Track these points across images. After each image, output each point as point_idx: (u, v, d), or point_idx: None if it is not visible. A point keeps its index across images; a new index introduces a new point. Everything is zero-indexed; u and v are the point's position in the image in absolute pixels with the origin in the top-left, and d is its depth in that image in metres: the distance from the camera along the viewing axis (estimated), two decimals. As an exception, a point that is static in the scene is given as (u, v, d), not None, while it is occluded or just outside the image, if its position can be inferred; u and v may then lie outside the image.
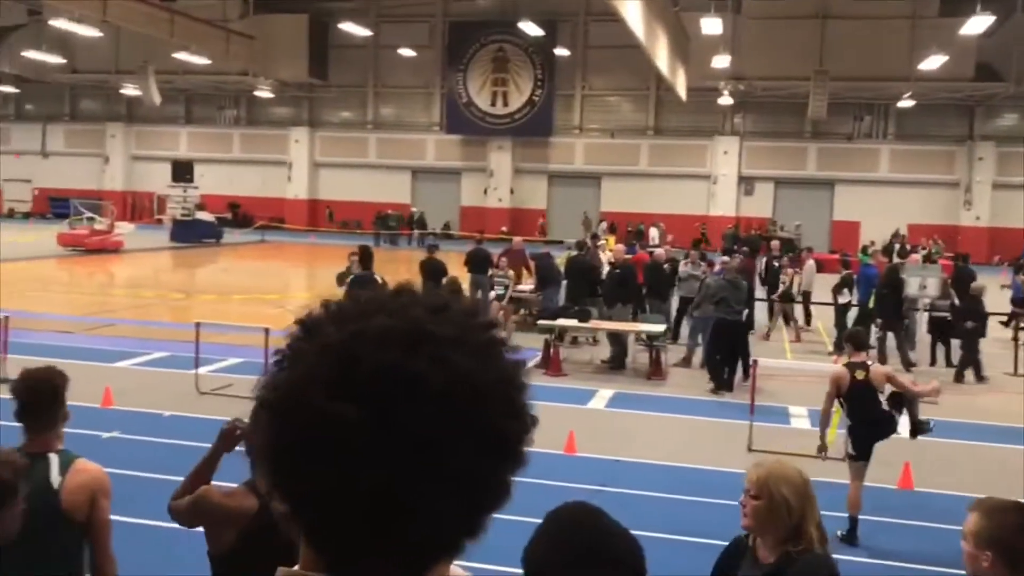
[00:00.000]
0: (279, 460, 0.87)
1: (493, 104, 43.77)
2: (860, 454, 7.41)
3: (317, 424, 0.83)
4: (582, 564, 1.70)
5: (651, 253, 18.89)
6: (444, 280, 14.61)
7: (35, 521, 3.47)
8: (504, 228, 39.65)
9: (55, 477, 3.56)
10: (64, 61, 42.34)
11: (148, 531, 6.79)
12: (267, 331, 11.56)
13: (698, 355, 14.31)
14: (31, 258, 27.81)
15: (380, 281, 13.12)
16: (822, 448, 7.73)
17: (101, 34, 34.76)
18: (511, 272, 16.69)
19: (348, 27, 37.92)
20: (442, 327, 0.87)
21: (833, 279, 17.58)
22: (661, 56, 26.42)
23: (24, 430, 3.68)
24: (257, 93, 44.59)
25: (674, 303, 16.50)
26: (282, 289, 25.16)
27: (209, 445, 3.61)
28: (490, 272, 16.67)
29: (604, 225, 38.78)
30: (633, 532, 1.83)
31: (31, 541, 3.46)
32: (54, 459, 3.62)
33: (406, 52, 42.72)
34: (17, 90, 48.93)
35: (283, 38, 41.15)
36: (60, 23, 32.16)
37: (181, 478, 3.63)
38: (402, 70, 44.78)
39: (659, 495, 8.22)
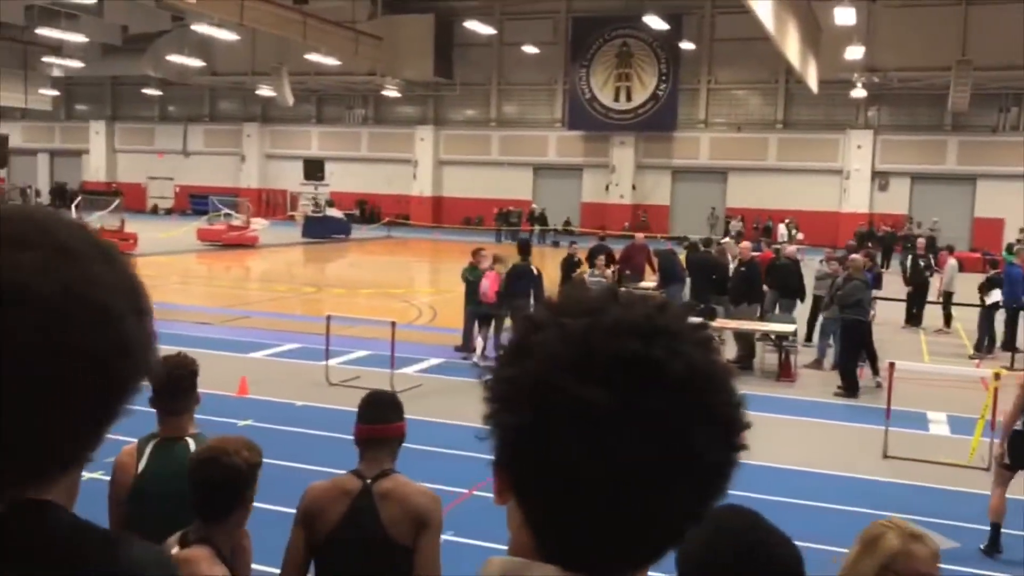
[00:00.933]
0: (522, 445, 0.91)
1: (616, 99, 43.45)
2: (1016, 464, 6.98)
3: (567, 407, 0.87)
4: (743, 568, 1.63)
5: (778, 251, 18.38)
6: (573, 275, 14.57)
7: (177, 503, 3.64)
8: (626, 224, 39.33)
9: None
10: (204, 64, 44.35)
11: (277, 517, 7.00)
12: (394, 324, 11.81)
13: (830, 356, 13.83)
14: (173, 252, 29.23)
15: (536, 272, 13.22)
16: (1002, 456, 7.28)
17: (238, 38, 36.23)
18: (607, 272, 16.51)
19: (473, 25, 38.36)
20: (670, 322, 0.92)
21: (974, 279, 16.67)
22: (791, 48, 25.63)
23: (160, 415, 3.80)
24: (384, 93, 45.61)
25: (802, 302, 15.99)
26: (407, 284, 25.67)
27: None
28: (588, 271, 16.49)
29: (735, 223, 38.02)
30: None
31: (173, 522, 3.63)
32: (191, 443, 3.75)
33: (529, 49, 42.91)
34: (161, 93, 51.62)
35: (409, 38, 41.96)
36: (201, 28, 33.73)
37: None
38: (525, 67, 45.00)
39: (788, 500, 7.95)
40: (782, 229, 36.33)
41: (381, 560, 3.35)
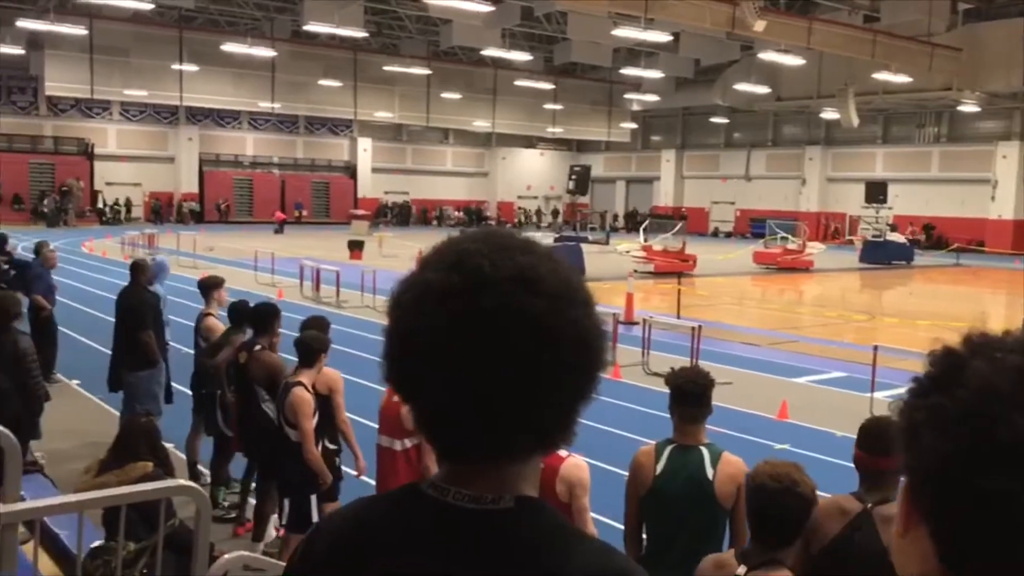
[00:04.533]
0: (946, 474, 0.89)
1: None
2: None
3: (1006, 438, 0.85)
4: None
5: None
6: None
7: (692, 506, 3.87)
8: None
9: (708, 468, 3.88)
10: (769, 90, 45.14)
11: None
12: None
13: None
14: (728, 274, 30.16)
15: None
16: None
17: (804, 62, 36.16)
18: None
19: (1076, 25, 33.43)
20: None
21: None
22: None
23: (677, 422, 4.03)
24: (961, 108, 41.90)
25: None
26: (975, 318, 23.20)
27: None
28: None
29: None
30: None
31: (688, 523, 3.89)
32: (705, 452, 3.94)
33: None
34: (727, 120, 53.80)
35: (995, 46, 37.91)
36: (768, 55, 34.38)
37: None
38: None
39: None
40: None
41: None
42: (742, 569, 3.06)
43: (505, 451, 1.12)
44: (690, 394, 3.97)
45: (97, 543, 4.95)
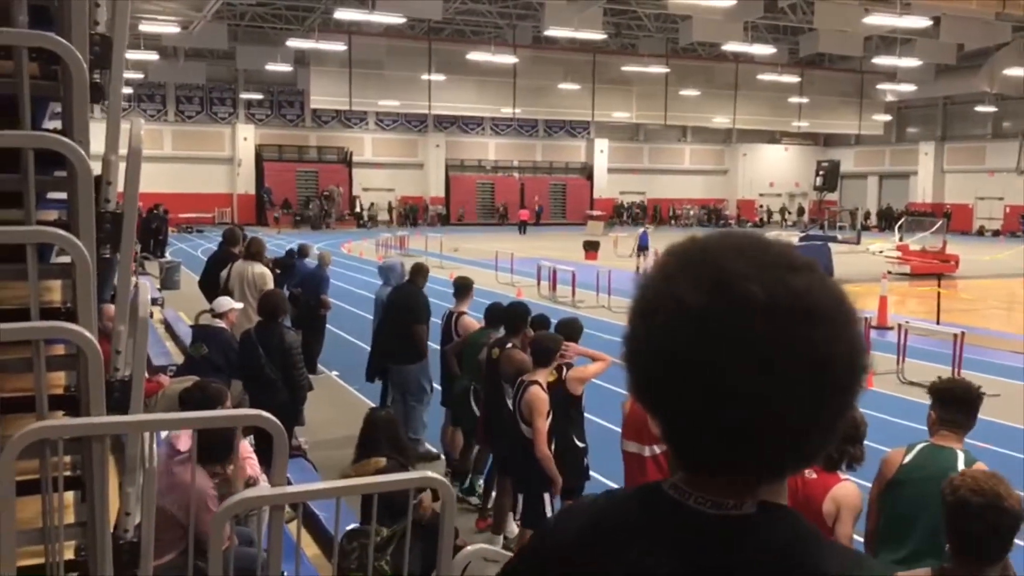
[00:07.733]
0: None
1: None
2: None
3: None
4: None
5: None
6: None
7: (934, 501, 3.75)
8: None
9: (960, 467, 3.71)
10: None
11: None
12: None
13: None
14: (996, 276, 27.68)
15: None
16: None
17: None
18: None
19: None
20: None
21: None
22: None
23: (938, 427, 4.01)
24: None
25: None
26: None
27: None
28: None
29: None
30: None
31: (926, 520, 3.71)
32: (960, 453, 3.86)
33: None
34: (995, 109, 49.25)
35: None
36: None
37: None
38: None
39: None
40: None
41: None
42: None
43: (764, 473, 1.08)
44: (960, 399, 3.91)
45: (352, 526, 5.28)
